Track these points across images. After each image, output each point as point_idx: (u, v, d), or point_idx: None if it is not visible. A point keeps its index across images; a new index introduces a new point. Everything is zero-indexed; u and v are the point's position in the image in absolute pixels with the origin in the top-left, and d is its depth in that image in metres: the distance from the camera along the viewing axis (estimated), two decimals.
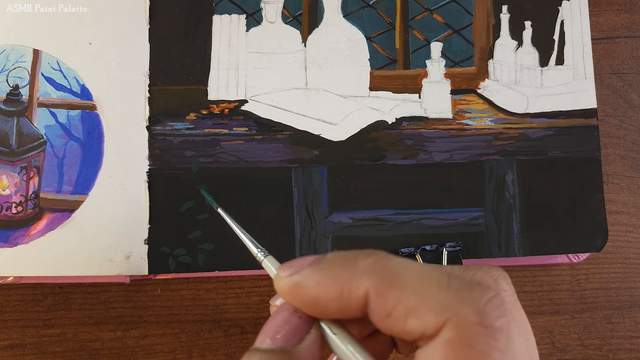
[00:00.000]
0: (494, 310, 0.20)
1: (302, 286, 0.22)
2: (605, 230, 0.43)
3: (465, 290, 0.21)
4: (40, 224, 0.42)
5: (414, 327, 0.20)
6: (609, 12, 0.50)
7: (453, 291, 0.21)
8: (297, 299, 0.23)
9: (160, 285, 0.45)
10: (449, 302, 0.20)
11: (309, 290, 0.22)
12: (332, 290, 0.22)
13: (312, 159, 0.43)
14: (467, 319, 0.20)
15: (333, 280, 0.22)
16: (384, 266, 0.22)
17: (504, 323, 0.20)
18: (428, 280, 0.21)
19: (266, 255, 0.29)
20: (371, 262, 0.22)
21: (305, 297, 0.22)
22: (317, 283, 0.22)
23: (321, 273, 0.22)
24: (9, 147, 0.42)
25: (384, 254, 0.22)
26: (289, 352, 0.22)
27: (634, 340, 0.46)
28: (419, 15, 0.46)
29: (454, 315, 0.20)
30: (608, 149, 0.48)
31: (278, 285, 0.23)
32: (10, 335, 0.44)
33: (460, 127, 0.44)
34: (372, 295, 0.21)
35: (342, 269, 0.22)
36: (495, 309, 0.20)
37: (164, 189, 0.43)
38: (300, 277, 0.22)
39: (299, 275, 0.23)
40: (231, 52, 0.44)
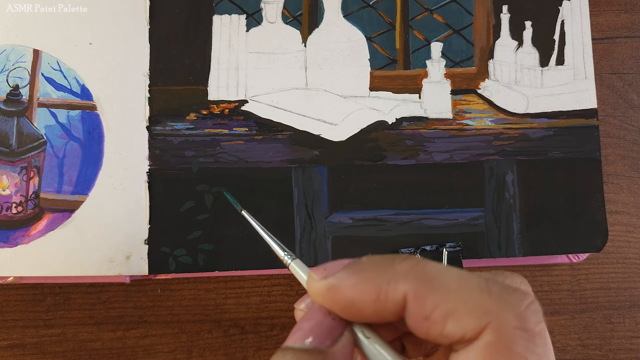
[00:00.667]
0: (534, 316, 0.20)
1: (338, 289, 0.22)
2: (605, 230, 0.43)
3: (505, 295, 0.21)
4: (40, 224, 0.42)
5: (453, 330, 0.20)
6: (609, 12, 0.50)
7: (494, 295, 0.21)
8: (333, 302, 0.22)
9: (160, 285, 0.45)
10: (490, 306, 0.20)
11: (345, 292, 0.22)
12: (370, 293, 0.22)
13: (312, 159, 0.43)
14: (509, 323, 0.20)
15: (370, 282, 0.22)
16: (422, 269, 0.21)
17: (542, 329, 0.21)
18: (468, 284, 0.21)
19: (293, 259, 0.28)
20: (409, 265, 0.22)
21: (341, 300, 0.22)
22: (354, 285, 0.22)
23: (358, 275, 0.22)
24: (9, 147, 0.42)
25: (421, 258, 0.22)
26: (323, 352, 0.22)
27: (634, 340, 0.46)
28: (419, 16, 0.46)
29: (496, 319, 0.20)
30: (608, 149, 0.48)
31: (312, 288, 0.23)
32: (10, 335, 0.44)
33: (461, 127, 0.44)
34: (410, 298, 0.21)
35: (379, 271, 0.22)
36: (535, 315, 0.21)
37: (164, 189, 0.43)
38: (336, 279, 0.22)
39: (334, 277, 0.22)
40: (231, 52, 0.44)
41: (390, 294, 0.21)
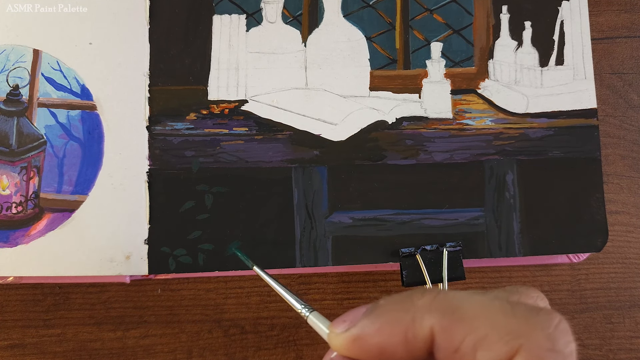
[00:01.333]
0: (563, 336, 0.20)
1: (362, 338, 0.22)
2: (605, 230, 0.43)
3: (533, 317, 0.20)
4: (40, 224, 0.42)
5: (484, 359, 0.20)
6: (609, 12, 0.50)
7: (521, 318, 0.20)
8: (361, 352, 0.22)
9: (160, 285, 0.45)
10: (519, 329, 0.20)
11: (371, 340, 0.22)
12: (397, 335, 0.21)
13: (312, 159, 0.43)
14: (540, 346, 0.20)
15: (395, 324, 0.21)
16: (443, 301, 0.21)
17: (572, 349, 0.20)
18: (492, 310, 0.21)
19: (311, 311, 0.27)
20: (430, 298, 0.21)
21: (369, 349, 0.22)
22: (379, 331, 0.21)
23: (380, 320, 0.22)
24: (9, 147, 0.42)
25: (439, 290, 0.22)
26: None
27: (634, 340, 0.46)
28: (419, 16, 0.46)
29: (527, 342, 0.20)
30: (608, 149, 0.48)
31: (335, 342, 0.23)
32: (10, 335, 0.44)
33: (461, 127, 0.44)
34: (437, 331, 0.21)
35: (401, 311, 0.21)
36: (564, 335, 0.20)
37: (164, 189, 0.43)
38: (359, 329, 0.22)
39: (356, 328, 0.22)
40: (231, 52, 0.44)
41: (418, 331, 0.21)
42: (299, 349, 0.44)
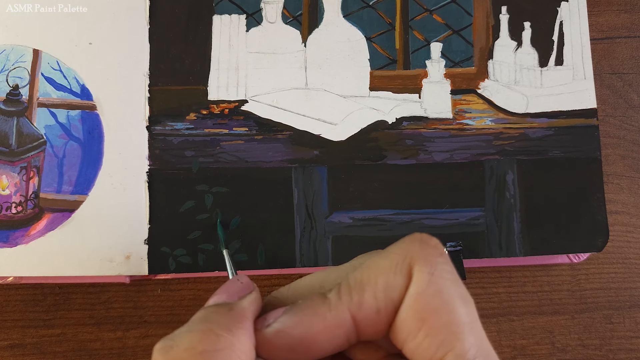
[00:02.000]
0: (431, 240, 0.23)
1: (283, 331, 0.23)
2: (606, 230, 0.43)
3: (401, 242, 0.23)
4: (40, 224, 0.42)
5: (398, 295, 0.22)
6: (608, 12, 0.50)
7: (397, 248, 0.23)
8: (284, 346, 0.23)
9: (160, 285, 0.45)
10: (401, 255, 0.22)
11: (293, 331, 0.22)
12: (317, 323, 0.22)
13: (312, 159, 0.44)
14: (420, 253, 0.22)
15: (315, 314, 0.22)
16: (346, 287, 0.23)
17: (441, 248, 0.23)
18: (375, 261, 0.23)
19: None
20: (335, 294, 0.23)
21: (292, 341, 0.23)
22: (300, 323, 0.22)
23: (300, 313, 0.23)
24: (9, 147, 0.42)
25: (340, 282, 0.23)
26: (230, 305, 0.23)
27: (634, 340, 0.46)
28: (419, 16, 0.46)
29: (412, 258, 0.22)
30: (608, 149, 0.48)
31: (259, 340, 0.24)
32: (10, 335, 0.44)
33: (461, 127, 0.44)
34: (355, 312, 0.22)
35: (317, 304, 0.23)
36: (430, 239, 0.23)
37: (164, 189, 0.43)
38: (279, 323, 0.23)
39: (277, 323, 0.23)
40: (231, 52, 0.44)
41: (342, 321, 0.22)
42: None
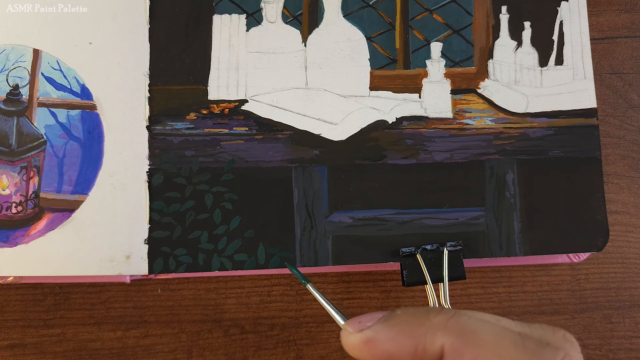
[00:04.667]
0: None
1: (375, 342, 0.22)
2: (606, 229, 0.43)
3: (539, 350, 0.21)
4: (40, 224, 0.42)
5: None
6: (609, 12, 0.50)
7: (529, 351, 0.21)
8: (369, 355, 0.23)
9: (160, 285, 0.45)
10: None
11: (383, 346, 0.22)
12: (407, 346, 0.22)
13: (313, 158, 0.44)
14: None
15: (408, 335, 0.22)
16: (458, 322, 0.22)
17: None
18: (504, 340, 0.21)
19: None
20: (445, 317, 0.22)
21: (378, 353, 0.22)
22: (392, 339, 0.22)
23: (395, 329, 0.22)
24: (9, 146, 0.42)
25: (456, 310, 0.22)
26: None
27: (634, 340, 0.46)
28: (419, 15, 0.46)
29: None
30: (608, 149, 0.48)
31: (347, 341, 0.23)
32: (10, 335, 0.44)
33: (461, 127, 0.44)
34: (447, 351, 0.21)
35: (416, 324, 0.22)
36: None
37: (164, 189, 0.43)
38: (373, 332, 0.23)
39: (370, 330, 0.23)
40: (231, 52, 0.44)
41: (428, 347, 0.21)
42: (299, 349, 0.44)
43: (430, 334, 0.22)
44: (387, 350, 0.22)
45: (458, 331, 0.21)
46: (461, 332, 0.21)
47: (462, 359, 0.21)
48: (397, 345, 0.22)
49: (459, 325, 0.22)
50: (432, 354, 0.21)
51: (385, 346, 0.22)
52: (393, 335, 0.22)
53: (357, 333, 0.23)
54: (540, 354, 0.21)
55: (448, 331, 0.21)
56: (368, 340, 0.22)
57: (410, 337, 0.22)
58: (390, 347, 0.22)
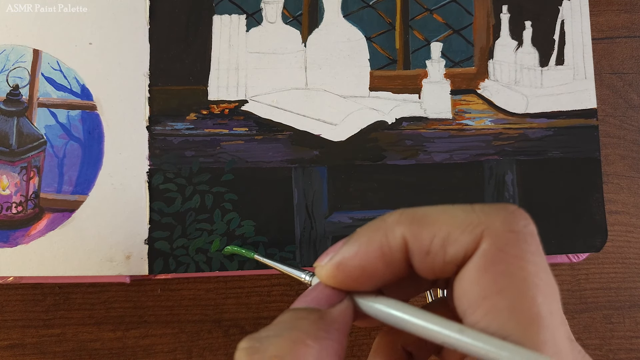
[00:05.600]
0: (521, 219, 0.22)
1: (344, 263, 0.23)
2: (604, 230, 0.43)
3: (489, 208, 0.22)
4: (40, 224, 0.42)
5: (454, 253, 0.22)
6: (609, 12, 0.50)
7: (479, 211, 0.22)
8: (344, 276, 0.23)
9: (160, 285, 0.45)
10: (478, 220, 0.22)
11: (352, 262, 0.23)
12: (374, 252, 0.23)
13: (312, 159, 0.44)
14: (499, 228, 0.21)
15: (370, 243, 0.23)
16: (409, 213, 0.23)
17: (532, 230, 0.22)
18: (453, 210, 0.22)
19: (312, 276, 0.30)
20: (397, 214, 0.23)
21: (351, 270, 0.23)
22: (357, 252, 0.23)
23: (358, 242, 0.23)
24: (9, 147, 0.42)
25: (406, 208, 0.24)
26: (321, 312, 0.23)
27: (634, 340, 0.46)
28: (419, 15, 0.46)
29: (487, 227, 0.21)
30: (608, 149, 0.48)
31: (321, 274, 0.24)
32: (10, 335, 0.44)
33: (460, 128, 0.44)
34: (409, 239, 0.22)
35: (374, 231, 0.23)
36: (522, 218, 0.22)
37: (164, 189, 0.43)
38: (339, 255, 0.23)
39: (337, 255, 0.24)
40: (231, 52, 0.44)
41: (391, 243, 0.23)
42: None
43: (390, 232, 0.23)
44: (358, 264, 0.23)
45: (411, 219, 0.22)
46: (414, 219, 0.22)
47: (422, 240, 0.22)
48: (365, 256, 0.23)
49: (411, 214, 0.23)
50: (397, 247, 0.22)
51: (355, 261, 0.23)
52: (358, 249, 0.23)
53: (327, 263, 0.24)
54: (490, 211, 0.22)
55: (402, 223, 0.23)
56: (338, 264, 0.23)
57: (373, 243, 0.23)
58: (360, 260, 0.23)
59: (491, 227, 0.21)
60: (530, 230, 0.22)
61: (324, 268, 0.24)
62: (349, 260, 0.23)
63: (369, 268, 0.23)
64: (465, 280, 0.21)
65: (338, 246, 0.24)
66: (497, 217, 0.22)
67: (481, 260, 0.21)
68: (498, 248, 0.21)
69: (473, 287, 0.21)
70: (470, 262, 0.21)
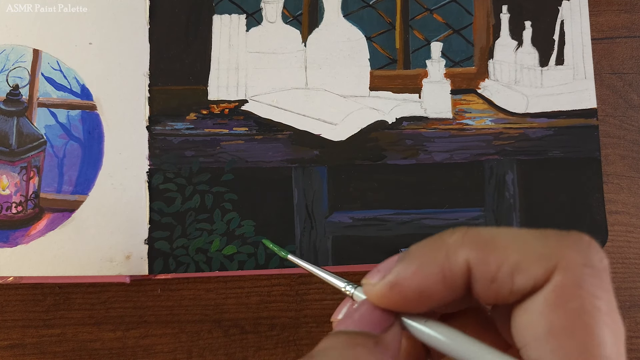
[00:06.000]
0: (597, 253, 0.20)
1: (400, 283, 0.22)
2: (605, 230, 0.43)
3: (564, 238, 0.21)
4: (40, 224, 0.42)
5: (522, 283, 0.20)
6: (609, 12, 0.50)
7: (553, 240, 0.21)
8: (400, 298, 0.22)
9: (160, 285, 0.45)
10: (552, 250, 0.20)
11: (409, 283, 0.22)
12: (434, 274, 0.21)
13: (312, 158, 0.44)
14: (575, 262, 0.20)
15: (431, 264, 0.21)
16: (474, 235, 0.21)
17: (606, 264, 0.20)
18: (523, 236, 0.21)
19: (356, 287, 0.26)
20: (460, 234, 0.22)
21: (408, 293, 0.22)
22: (416, 273, 0.21)
23: (416, 263, 0.22)
24: (9, 147, 0.42)
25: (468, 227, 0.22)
26: (376, 337, 0.22)
27: (634, 340, 0.46)
28: (419, 15, 0.46)
29: (561, 259, 0.20)
30: (608, 149, 0.48)
31: (372, 293, 0.22)
32: (10, 335, 0.44)
33: (460, 127, 0.44)
34: (473, 264, 0.21)
35: (434, 251, 0.22)
36: (597, 251, 0.21)
37: (164, 189, 0.43)
38: (395, 275, 0.22)
39: (392, 274, 0.22)
40: (231, 52, 0.44)
41: (453, 266, 0.21)
42: (299, 349, 0.44)
43: (451, 254, 0.21)
44: (415, 286, 0.21)
45: (477, 242, 0.21)
46: (480, 242, 0.21)
47: (489, 266, 0.21)
48: (424, 278, 0.21)
49: (475, 236, 0.21)
50: (460, 272, 0.21)
51: (413, 283, 0.21)
52: (416, 269, 0.21)
53: (380, 282, 0.22)
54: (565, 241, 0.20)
55: (467, 245, 0.21)
56: (393, 284, 0.22)
57: (434, 264, 0.21)
58: (418, 282, 0.21)
59: (566, 260, 0.20)
60: (605, 266, 0.20)
61: (376, 287, 0.22)
62: (406, 281, 0.22)
63: (427, 291, 0.21)
64: (532, 313, 0.20)
65: (390, 264, 0.22)
66: (573, 250, 0.20)
67: (553, 294, 0.20)
68: (573, 283, 0.20)
69: (540, 321, 0.20)
70: (539, 294, 0.20)
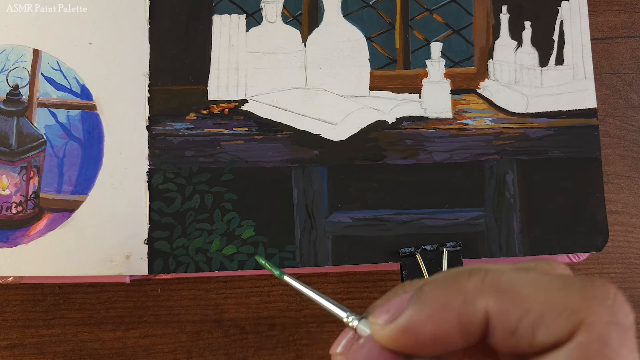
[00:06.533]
0: (623, 308, 0.19)
1: (412, 329, 0.20)
2: (605, 230, 0.43)
3: (589, 289, 0.19)
4: (40, 224, 0.42)
5: (544, 338, 0.19)
6: (609, 12, 0.50)
7: (577, 292, 0.19)
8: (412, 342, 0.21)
9: (160, 285, 0.45)
10: (577, 304, 0.19)
11: (423, 329, 0.20)
12: (450, 321, 0.20)
13: (312, 158, 0.43)
14: (601, 319, 0.19)
15: (447, 310, 0.20)
16: (494, 281, 0.20)
17: (632, 320, 0.20)
18: (546, 285, 0.20)
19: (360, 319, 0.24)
20: (479, 280, 0.20)
21: (421, 338, 0.20)
22: (431, 319, 0.20)
23: (430, 307, 0.20)
24: (9, 147, 0.42)
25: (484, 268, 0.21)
26: None
27: None
28: (419, 15, 0.46)
29: (587, 315, 0.19)
30: (608, 149, 0.48)
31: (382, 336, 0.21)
32: (10, 335, 0.44)
33: (461, 127, 0.44)
34: (493, 313, 0.20)
35: (451, 296, 0.20)
36: (623, 307, 0.20)
37: (164, 188, 0.43)
38: (407, 319, 0.21)
39: (403, 318, 0.21)
40: (231, 52, 0.44)
41: (471, 314, 0.20)
42: (299, 349, 0.44)
43: (469, 301, 0.20)
44: (429, 332, 0.20)
45: (497, 290, 0.20)
46: (501, 290, 0.20)
47: (510, 317, 0.19)
48: (439, 324, 0.20)
49: (495, 283, 0.20)
50: (477, 321, 0.20)
51: (427, 329, 0.20)
52: (431, 315, 0.20)
53: (389, 325, 0.21)
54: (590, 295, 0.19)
55: (487, 293, 0.20)
56: (405, 329, 0.20)
57: (450, 310, 0.20)
58: (433, 328, 0.20)
59: (592, 316, 0.19)
60: (631, 322, 0.19)
61: (386, 330, 0.21)
62: (420, 326, 0.20)
63: (441, 337, 0.20)
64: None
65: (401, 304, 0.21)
66: (599, 304, 0.19)
67: (578, 352, 0.19)
68: (598, 342, 0.18)
69: None
70: (562, 349, 0.19)
